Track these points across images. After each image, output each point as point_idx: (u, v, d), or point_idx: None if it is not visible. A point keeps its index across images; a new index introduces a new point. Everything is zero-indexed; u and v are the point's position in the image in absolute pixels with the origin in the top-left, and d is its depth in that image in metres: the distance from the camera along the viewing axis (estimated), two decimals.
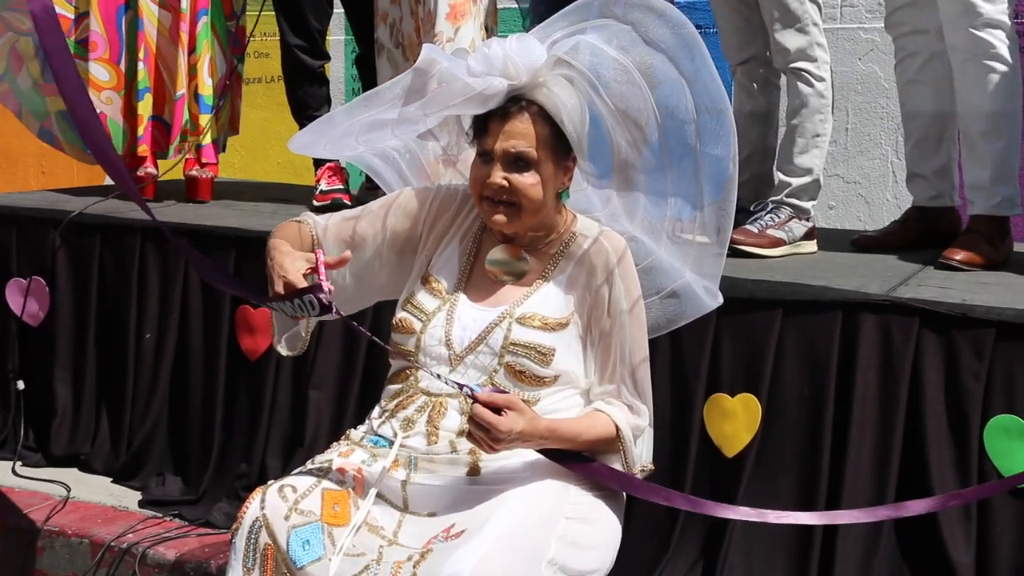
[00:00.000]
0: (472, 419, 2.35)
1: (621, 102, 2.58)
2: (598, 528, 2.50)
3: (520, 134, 2.52)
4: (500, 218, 2.57)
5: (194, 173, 4.74)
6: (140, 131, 4.61)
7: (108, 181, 4.67)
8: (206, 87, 4.61)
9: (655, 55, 2.57)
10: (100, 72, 4.61)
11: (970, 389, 3.00)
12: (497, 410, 2.35)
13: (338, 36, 4.78)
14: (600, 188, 2.77)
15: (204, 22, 4.62)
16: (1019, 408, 2.96)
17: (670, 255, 2.72)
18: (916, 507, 2.72)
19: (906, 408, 3.07)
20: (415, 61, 2.72)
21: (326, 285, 2.42)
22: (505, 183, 2.52)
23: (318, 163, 4.58)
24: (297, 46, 4.56)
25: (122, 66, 4.64)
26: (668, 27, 2.57)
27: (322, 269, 2.47)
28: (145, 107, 4.63)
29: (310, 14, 4.55)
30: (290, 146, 2.90)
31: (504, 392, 2.43)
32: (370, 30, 4.35)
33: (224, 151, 4.93)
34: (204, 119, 4.62)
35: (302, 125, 4.52)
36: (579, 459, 2.52)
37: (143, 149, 4.62)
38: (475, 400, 2.34)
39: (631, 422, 2.57)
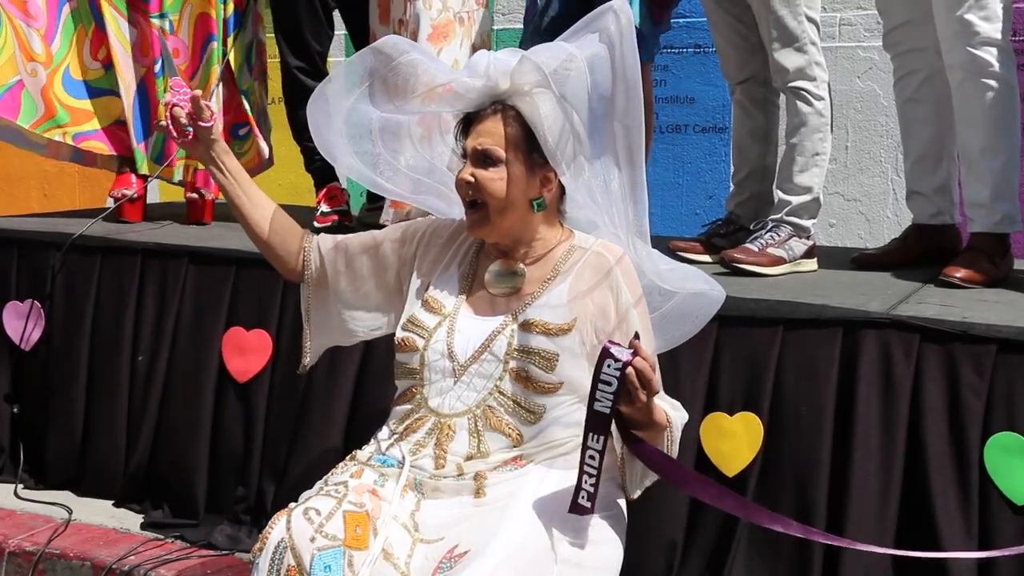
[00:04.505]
0: (638, 371, 2.31)
1: (572, 93, 2.59)
2: (601, 549, 2.50)
3: (488, 132, 2.59)
4: (470, 219, 2.63)
5: (194, 195, 4.77)
6: (87, 125, 4.69)
7: (109, 203, 4.73)
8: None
9: (602, 47, 2.59)
10: (36, 43, 4.61)
11: (971, 407, 3.00)
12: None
13: (338, 57, 4.81)
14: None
15: (214, 47, 4.63)
16: (1020, 426, 2.96)
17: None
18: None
19: (907, 426, 3.07)
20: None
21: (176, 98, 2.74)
22: (471, 179, 2.58)
23: (319, 185, 4.64)
24: (297, 68, 4.60)
25: (53, 48, 4.64)
26: (617, 22, 2.59)
27: (181, 90, 2.76)
28: (112, 109, 4.72)
29: (310, 36, 4.60)
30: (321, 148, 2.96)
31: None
32: None
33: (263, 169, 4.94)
34: None
35: (303, 147, 4.60)
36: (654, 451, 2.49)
37: (98, 147, 4.71)
38: (636, 353, 2.32)
39: (678, 417, 2.61)
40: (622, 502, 2.65)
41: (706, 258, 3.99)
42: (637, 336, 2.39)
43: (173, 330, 4.04)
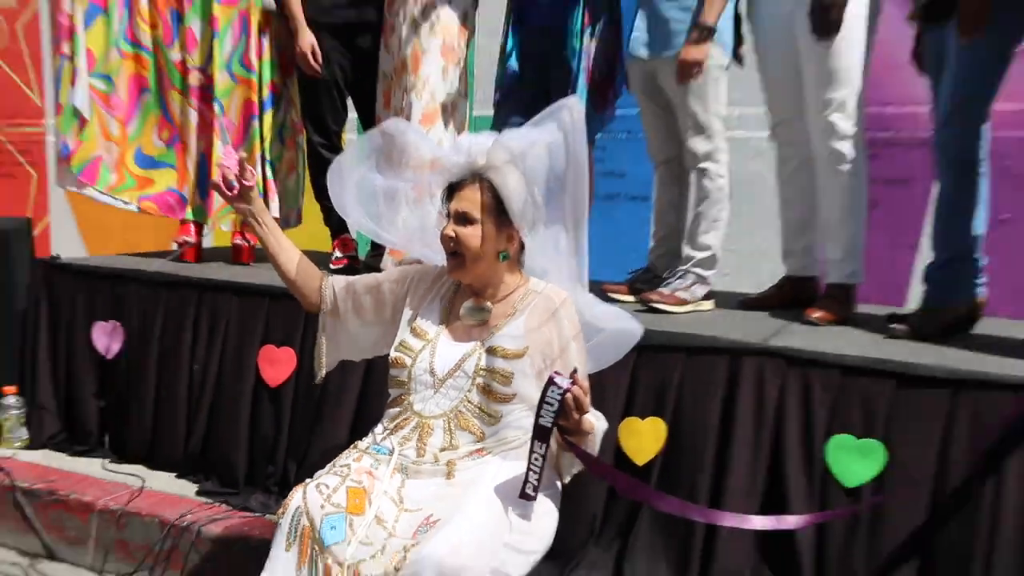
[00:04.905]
0: (574, 396, 2.36)
1: (533, 171, 2.60)
2: (543, 520, 2.55)
3: (468, 199, 2.59)
4: (451, 267, 2.64)
5: (238, 242, 4.85)
6: (148, 190, 4.73)
7: (173, 246, 4.75)
8: (261, 179, 4.64)
9: (559, 135, 2.62)
10: (114, 128, 4.70)
11: (819, 415, 3.09)
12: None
13: (351, 134, 4.85)
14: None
15: (255, 125, 4.64)
16: (851, 429, 3.03)
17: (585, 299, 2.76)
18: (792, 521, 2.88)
19: (772, 430, 3.15)
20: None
21: (227, 162, 2.77)
22: (453, 234, 2.59)
23: (334, 235, 4.68)
24: (319, 143, 4.64)
25: (129, 130, 4.72)
26: (571, 116, 2.63)
27: (231, 156, 2.79)
28: (167, 178, 4.74)
29: (329, 119, 4.64)
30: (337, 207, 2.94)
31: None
32: None
33: (291, 227, 4.95)
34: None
35: (322, 205, 4.60)
36: (588, 456, 2.54)
37: (152, 207, 4.75)
38: (575, 383, 2.37)
39: (600, 426, 2.62)
40: (559, 483, 2.69)
41: (630, 298, 4.02)
42: (575, 371, 2.42)
43: (221, 346, 4.10)
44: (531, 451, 2.42)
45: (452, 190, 2.66)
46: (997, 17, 3.26)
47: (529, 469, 2.43)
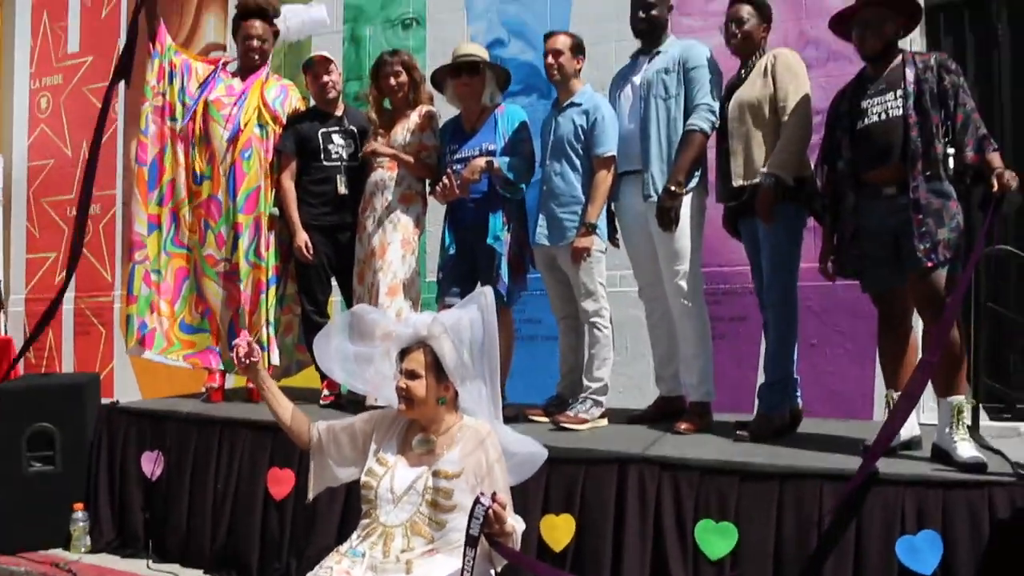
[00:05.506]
0: (495, 512, 2.33)
1: (461, 339, 2.59)
2: None
3: (414, 360, 2.60)
4: (403, 408, 2.62)
5: (251, 385, 4.72)
6: (190, 350, 4.69)
7: (203, 390, 4.67)
8: (266, 337, 4.61)
9: (478, 313, 2.61)
10: (163, 306, 4.70)
11: (686, 506, 3.06)
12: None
13: (336, 297, 4.84)
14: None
15: (262, 298, 4.60)
16: (711, 515, 3.01)
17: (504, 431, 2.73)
18: None
19: (654, 519, 3.10)
20: None
21: (241, 340, 2.73)
22: (404, 386, 2.59)
23: (323, 378, 4.56)
24: (311, 311, 4.58)
25: (176, 308, 4.72)
26: (486, 300, 2.62)
27: (244, 337, 2.77)
28: (204, 340, 4.72)
29: (318, 292, 4.59)
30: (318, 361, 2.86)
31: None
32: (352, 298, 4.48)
33: (291, 375, 4.91)
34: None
35: (313, 357, 4.49)
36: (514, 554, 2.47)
37: (196, 362, 4.71)
38: (495, 500, 2.34)
39: (520, 527, 2.55)
40: (492, 572, 2.61)
41: (544, 419, 3.98)
42: (495, 494, 2.39)
43: (237, 469, 3.99)
44: (464, 555, 2.39)
45: (404, 353, 2.65)
46: (783, 210, 3.48)
47: (463, 569, 2.39)
